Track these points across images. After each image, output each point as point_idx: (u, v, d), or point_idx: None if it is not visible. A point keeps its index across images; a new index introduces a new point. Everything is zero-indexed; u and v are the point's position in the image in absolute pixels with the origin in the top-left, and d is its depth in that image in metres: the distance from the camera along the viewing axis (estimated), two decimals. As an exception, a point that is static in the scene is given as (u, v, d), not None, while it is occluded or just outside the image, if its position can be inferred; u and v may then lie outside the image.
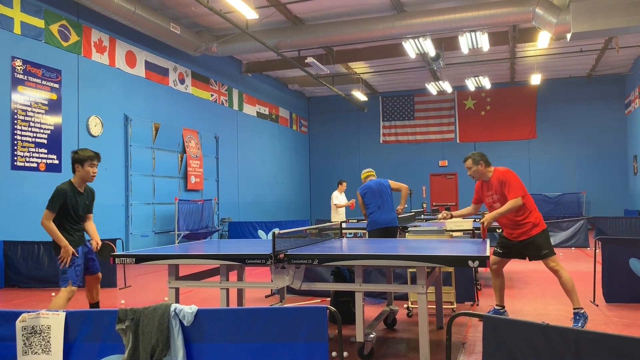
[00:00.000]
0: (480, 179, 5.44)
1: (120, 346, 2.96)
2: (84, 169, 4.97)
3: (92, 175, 5.01)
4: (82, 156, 4.97)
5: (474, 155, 5.46)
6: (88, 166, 4.97)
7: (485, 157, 5.44)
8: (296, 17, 13.12)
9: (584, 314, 4.94)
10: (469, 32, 12.19)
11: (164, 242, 12.93)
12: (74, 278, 4.88)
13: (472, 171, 5.41)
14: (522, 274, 8.94)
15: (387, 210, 7.51)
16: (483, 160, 5.39)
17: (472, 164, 5.39)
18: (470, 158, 5.45)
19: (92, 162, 4.99)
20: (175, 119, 13.84)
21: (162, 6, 12.16)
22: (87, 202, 5.15)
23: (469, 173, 5.45)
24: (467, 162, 5.46)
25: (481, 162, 5.37)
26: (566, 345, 2.34)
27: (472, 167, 5.39)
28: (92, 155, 5.01)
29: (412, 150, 21.36)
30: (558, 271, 5.01)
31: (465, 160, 5.48)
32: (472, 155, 5.47)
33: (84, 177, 5.01)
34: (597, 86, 19.40)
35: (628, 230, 12.75)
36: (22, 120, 9.55)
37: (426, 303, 3.87)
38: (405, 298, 6.24)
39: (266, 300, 6.80)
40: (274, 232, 4.03)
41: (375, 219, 7.43)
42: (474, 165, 5.38)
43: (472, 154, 5.49)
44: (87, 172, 4.98)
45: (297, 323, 2.83)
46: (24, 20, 9.68)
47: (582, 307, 5.00)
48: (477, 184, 5.55)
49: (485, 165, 5.38)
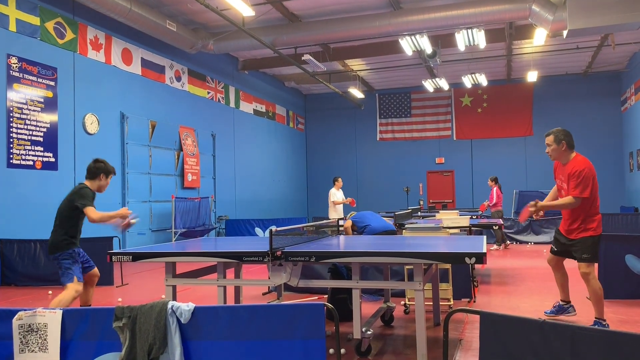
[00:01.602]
0: (557, 159, 5.00)
1: (118, 344, 2.96)
2: (106, 180, 5.16)
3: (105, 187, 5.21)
4: (111, 168, 5.17)
5: (557, 132, 4.93)
6: (109, 179, 5.19)
7: (570, 138, 4.90)
8: (292, 14, 13.10)
9: (606, 325, 4.80)
10: (466, 29, 12.19)
11: (160, 240, 12.92)
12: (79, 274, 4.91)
13: (551, 149, 4.94)
14: (518, 270, 8.96)
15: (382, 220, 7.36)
16: (566, 141, 4.89)
17: (553, 141, 4.90)
18: (553, 134, 4.93)
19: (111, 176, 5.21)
20: (172, 116, 13.81)
21: (158, 3, 12.12)
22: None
23: (547, 150, 5.01)
24: (548, 138, 4.96)
25: (563, 142, 4.89)
26: (563, 341, 2.35)
27: (552, 145, 4.91)
28: (113, 170, 5.23)
29: (409, 148, 21.37)
30: (589, 280, 4.83)
31: (548, 135, 4.97)
32: (555, 132, 4.94)
33: (102, 187, 5.17)
34: (594, 83, 19.44)
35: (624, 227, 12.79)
36: (17, 118, 9.52)
37: (423, 300, 3.88)
38: (402, 295, 6.24)
39: (263, 297, 6.80)
40: (271, 229, 4.03)
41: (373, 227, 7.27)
42: (555, 144, 4.89)
43: (556, 129, 4.97)
44: (107, 184, 5.19)
45: (295, 320, 2.83)
46: (19, 18, 9.64)
47: (605, 320, 4.87)
48: (556, 163, 5.13)
49: (568, 146, 4.90)
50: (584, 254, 4.86)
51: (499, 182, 13.32)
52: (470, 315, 5.38)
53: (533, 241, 13.94)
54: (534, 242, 13.86)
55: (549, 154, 5.03)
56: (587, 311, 5.43)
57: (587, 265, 4.84)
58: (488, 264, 9.51)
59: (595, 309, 4.90)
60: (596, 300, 4.87)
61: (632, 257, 6.24)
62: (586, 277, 4.87)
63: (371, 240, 5.22)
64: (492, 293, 6.91)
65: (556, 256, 5.26)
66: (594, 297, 4.87)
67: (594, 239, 4.87)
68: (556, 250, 5.25)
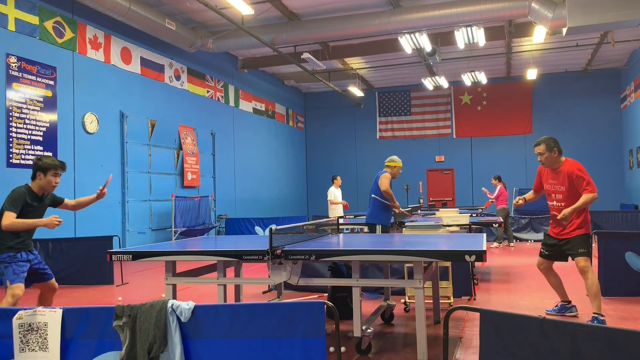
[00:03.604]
0: (550, 166, 5.13)
1: (118, 343, 2.96)
2: (46, 178, 4.66)
3: (53, 185, 4.72)
4: (46, 164, 4.66)
5: (548, 141, 5.07)
6: (51, 175, 4.68)
7: (559, 144, 5.07)
8: (292, 13, 13.08)
9: (603, 321, 4.85)
10: (465, 27, 12.18)
11: (160, 239, 12.92)
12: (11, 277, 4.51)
13: (544, 157, 5.08)
14: (519, 268, 8.97)
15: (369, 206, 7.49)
16: (557, 148, 5.05)
17: (545, 150, 5.05)
18: (544, 143, 5.06)
19: (55, 172, 4.70)
20: (171, 115, 13.81)
21: (157, 2, 12.10)
22: (48, 203, 4.86)
23: (540, 159, 5.12)
24: (539, 147, 5.09)
25: (555, 150, 5.04)
26: (563, 338, 2.35)
27: (545, 154, 5.06)
28: (57, 165, 4.71)
29: (409, 146, 21.35)
30: (586, 273, 4.90)
31: (537, 144, 5.11)
32: (545, 140, 5.08)
33: (43, 187, 4.70)
34: (593, 81, 19.43)
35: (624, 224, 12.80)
36: (17, 117, 9.51)
37: (423, 298, 3.88)
38: (402, 293, 6.25)
39: (264, 296, 6.80)
40: (271, 228, 4.03)
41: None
42: (547, 152, 5.05)
43: (545, 138, 5.12)
44: (49, 182, 4.68)
45: (295, 318, 2.83)
46: (18, 17, 9.63)
47: (604, 315, 4.92)
48: (541, 168, 5.26)
49: (559, 153, 5.07)
50: (580, 248, 4.96)
51: (502, 181, 13.30)
52: (470, 313, 5.39)
53: (533, 239, 13.95)
54: (534, 240, 13.86)
55: (542, 162, 5.18)
56: (587, 308, 5.43)
57: (585, 259, 4.94)
58: (488, 262, 9.51)
59: (593, 304, 4.94)
60: (594, 294, 4.92)
61: (632, 255, 6.25)
62: (585, 270, 4.93)
63: (371, 238, 5.22)
64: (492, 291, 6.92)
65: (546, 260, 5.31)
66: (591, 291, 4.93)
67: (588, 236, 5.04)
68: (546, 254, 5.29)
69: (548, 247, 5.26)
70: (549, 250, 5.26)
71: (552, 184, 5.16)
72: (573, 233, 5.01)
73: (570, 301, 5.42)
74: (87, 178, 10.80)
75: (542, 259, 5.34)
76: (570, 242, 5.02)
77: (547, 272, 5.36)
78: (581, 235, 4.99)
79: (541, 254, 5.34)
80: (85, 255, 8.28)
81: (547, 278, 5.40)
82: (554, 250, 5.20)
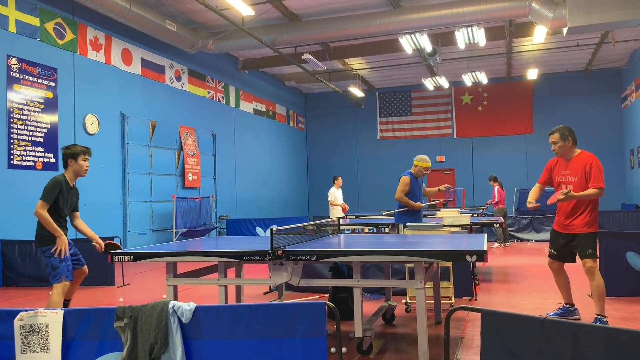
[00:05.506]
0: (563, 156, 5.04)
1: (119, 344, 2.96)
2: (77, 163, 5.02)
3: (85, 169, 5.07)
4: (75, 151, 5.04)
5: (562, 130, 4.97)
6: (82, 160, 5.04)
7: (574, 134, 4.95)
8: (292, 14, 13.09)
9: (606, 322, 4.83)
10: (466, 27, 12.18)
11: (161, 239, 12.92)
12: (66, 273, 4.90)
13: (558, 146, 4.97)
14: (520, 268, 8.96)
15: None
16: (572, 137, 4.94)
17: (559, 139, 4.95)
18: (558, 132, 4.96)
19: (84, 157, 5.06)
20: (172, 116, 13.81)
21: (158, 3, 12.11)
22: (75, 199, 5.17)
23: (554, 148, 5.03)
24: (553, 136, 4.99)
25: (569, 139, 4.94)
26: (564, 338, 2.35)
27: (559, 142, 4.96)
28: (84, 150, 5.08)
29: (410, 146, 21.32)
30: (594, 274, 4.87)
31: (552, 133, 5.01)
32: (560, 129, 4.99)
33: (77, 172, 5.06)
34: (594, 80, 19.42)
35: (625, 224, 12.79)
36: (18, 119, 9.52)
37: (424, 298, 3.87)
38: (403, 293, 6.24)
39: (265, 296, 6.81)
40: (272, 228, 4.03)
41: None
42: (561, 141, 4.95)
43: (560, 127, 5.01)
44: (81, 166, 5.04)
45: (296, 319, 2.83)
46: (19, 19, 9.64)
47: (607, 316, 4.90)
48: (551, 162, 5.18)
49: (573, 142, 4.96)
50: (588, 249, 4.91)
51: (499, 180, 13.32)
52: (471, 313, 5.39)
53: (534, 239, 13.93)
54: (535, 240, 13.85)
55: (556, 151, 5.06)
56: (589, 308, 5.43)
57: (593, 260, 4.90)
58: (489, 262, 9.51)
59: (597, 305, 4.90)
60: (599, 295, 4.88)
61: (633, 254, 6.24)
62: (592, 272, 4.89)
63: (372, 239, 5.22)
64: (493, 291, 6.91)
65: (554, 260, 5.27)
66: (597, 292, 4.88)
67: (595, 235, 4.99)
68: (555, 255, 5.24)
69: (557, 248, 5.19)
70: (558, 252, 5.20)
71: (564, 175, 5.06)
72: (582, 230, 4.93)
73: (574, 304, 5.39)
74: (87, 179, 10.77)
75: (551, 259, 5.30)
76: (577, 240, 4.97)
77: (557, 272, 5.30)
78: (590, 234, 4.93)
79: (550, 254, 5.29)
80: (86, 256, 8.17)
81: (555, 278, 5.34)
82: (564, 251, 5.13)
